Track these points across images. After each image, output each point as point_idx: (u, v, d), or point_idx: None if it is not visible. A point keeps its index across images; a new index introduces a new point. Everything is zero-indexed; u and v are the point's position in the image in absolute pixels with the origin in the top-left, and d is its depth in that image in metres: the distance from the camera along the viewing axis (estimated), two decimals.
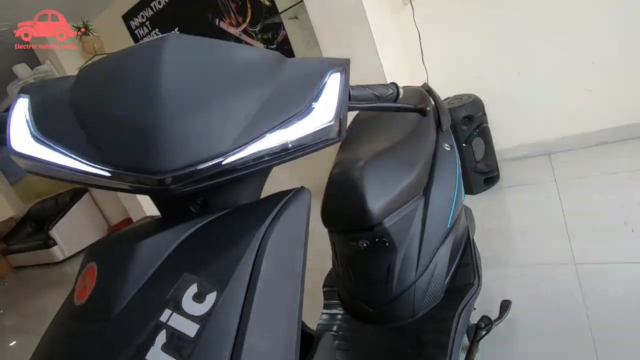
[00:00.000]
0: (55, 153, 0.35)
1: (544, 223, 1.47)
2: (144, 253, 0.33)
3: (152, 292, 0.31)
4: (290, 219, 0.35)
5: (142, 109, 0.34)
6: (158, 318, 0.29)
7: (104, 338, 0.30)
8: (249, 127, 0.35)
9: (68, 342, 0.32)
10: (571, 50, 1.81)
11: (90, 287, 0.33)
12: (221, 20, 2.67)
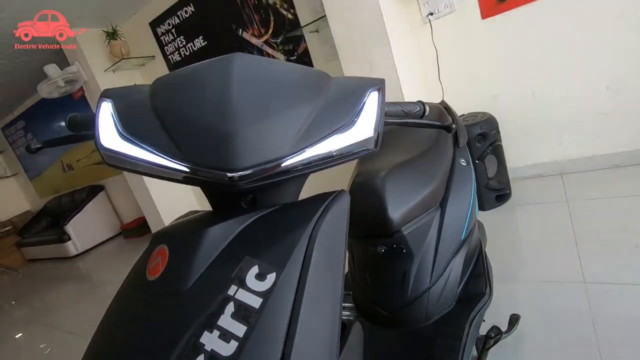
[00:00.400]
0: (140, 150, 0.40)
1: (554, 241, 1.49)
2: (209, 238, 0.38)
3: (219, 271, 0.37)
4: (335, 216, 0.40)
5: (218, 116, 0.39)
6: (226, 292, 0.34)
7: (178, 308, 0.36)
8: (304, 136, 0.40)
9: (142, 312, 0.38)
10: (586, 74, 1.85)
11: (162, 265, 0.39)
12: (244, 30, 2.77)
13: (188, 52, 3.13)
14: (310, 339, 0.33)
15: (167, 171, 0.40)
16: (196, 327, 0.33)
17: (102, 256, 4.00)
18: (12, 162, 5.81)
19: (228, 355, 0.31)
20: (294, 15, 2.53)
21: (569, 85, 1.90)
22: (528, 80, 1.98)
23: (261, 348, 0.31)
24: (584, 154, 1.96)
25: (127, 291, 0.43)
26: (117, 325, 0.40)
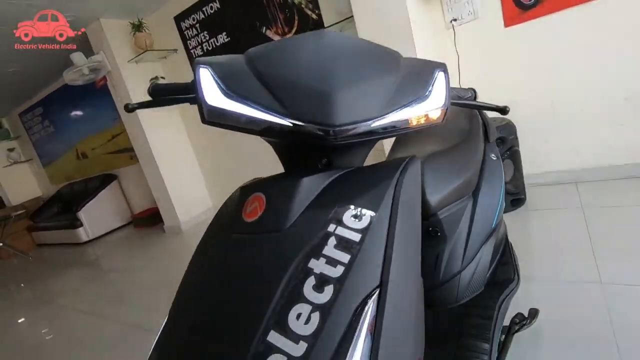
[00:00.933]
0: (246, 107, 0.45)
1: (570, 244, 1.53)
2: (304, 187, 0.44)
3: (316, 213, 0.42)
4: (411, 176, 0.45)
5: (319, 79, 0.44)
6: (326, 229, 0.39)
7: (282, 242, 0.41)
8: (389, 102, 0.45)
9: (247, 247, 0.43)
10: (604, 85, 1.89)
11: (260, 209, 0.44)
12: (268, 28, 2.84)
13: (211, 47, 3.20)
14: (401, 269, 0.38)
15: (272, 126, 0.44)
16: (303, 256, 0.38)
17: (112, 244, 4.06)
18: (27, 148, 5.91)
19: (336, 276, 0.36)
20: (318, 15, 2.59)
21: (588, 95, 1.94)
22: (547, 88, 2.02)
23: (364, 273, 0.36)
24: (600, 163, 1.99)
25: (221, 233, 0.48)
26: (216, 262, 0.45)
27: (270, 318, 0.36)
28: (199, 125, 3.55)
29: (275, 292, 0.37)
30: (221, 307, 0.41)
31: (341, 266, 0.36)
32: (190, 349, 0.40)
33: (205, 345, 0.39)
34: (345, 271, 0.36)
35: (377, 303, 0.36)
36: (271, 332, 0.35)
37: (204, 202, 3.84)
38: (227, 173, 3.67)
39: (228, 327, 0.38)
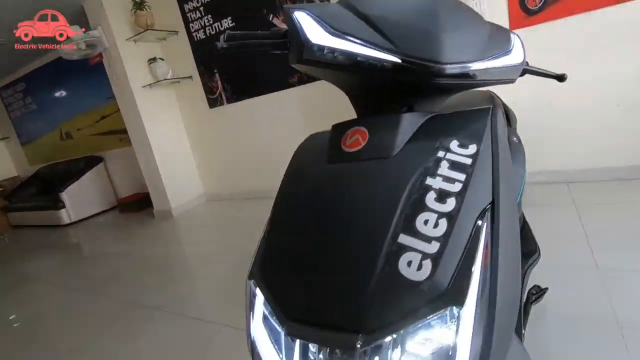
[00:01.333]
0: (353, 44, 0.47)
1: (564, 236, 1.62)
2: (406, 121, 0.47)
3: (421, 143, 0.45)
4: (499, 119, 0.48)
5: (427, 20, 0.47)
6: (436, 155, 0.42)
7: (391, 166, 0.44)
8: (484, 49, 0.49)
9: (350, 172, 0.46)
10: (600, 91, 2.00)
11: (362, 141, 0.46)
12: (275, 16, 2.84)
13: (214, 32, 3.17)
14: (505, 191, 0.42)
15: (378, 62, 0.46)
16: (418, 175, 0.41)
17: (95, 227, 3.94)
18: (5, 125, 5.64)
19: (456, 191, 0.39)
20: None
21: (583, 99, 2.05)
22: (546, 90, 2.13)
23: (478, 190, 0.40)
24: (592, 165, 2.11)
25: (318, 163, 0.50)
26: (319, 187, 0.47)
27: (396, 226, 0.39)
28: (194, 111, 3.54)
29: (397, 205, 0.40)
30: (339, 223, 0.43)
31: (458, 183, 0.40)
32: (308, 258, 0.42)
33: (327, 255, 0.41)
34: (463, 187, 0.40)
35: (492, 217, 0.39)
36: (401, 236, 0.38)
37: (196, 188, 3.79)
38: (220, 162, 3.64)
39: (350, 238, 0.41)
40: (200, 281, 2.03)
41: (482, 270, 0.36)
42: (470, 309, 0.35)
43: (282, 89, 3.04)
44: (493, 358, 0.35)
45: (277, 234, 0.50)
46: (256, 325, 0.45)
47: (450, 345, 0.35)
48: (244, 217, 3.03)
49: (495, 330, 0.36)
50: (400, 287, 0.36)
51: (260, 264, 0.49)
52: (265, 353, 0.44)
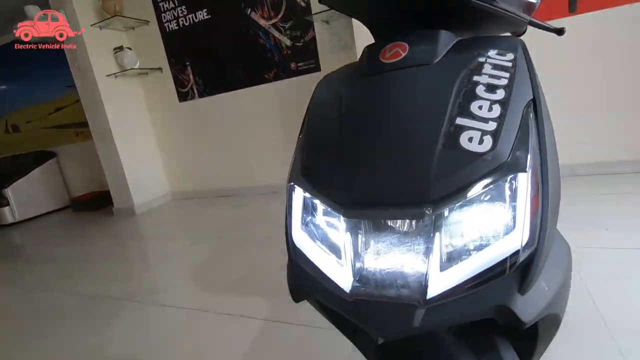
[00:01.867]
0: None
1: None
2: (442, 35, 0.48)
3: (460, 52, 0.47)
4: (525, 45, 0.51)
5: None
6: (477, 59, 0.44)
7: (436, 70, 0.45)
8: None
9: (392, 79, 0.46)
10: (578, 93, 2.14)
11: (402, 52, 0.47)
12: (253, 11, 2.83)
13: (187, 23, 3.08)
14: (541, 91, 0.44)
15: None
16: (465, 74, 0.42)
17: (45, 227, 3.60)
18: None
19: (503, 84, 0.41)
20: (306, 3, 2.65)
21: (561, 97, 2.16)
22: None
23: (522, 87, 0.42)
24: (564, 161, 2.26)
25: (356, 77, 0.50)
26: (363, 94, 0.47)
27: (452, 112, 0.40)
28: (163, 105, 3.40)
29: (449, 97, 0.41)
30: (390, 118, 0.43)
31: (504, 79, 0.42)
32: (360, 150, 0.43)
33: (381, 144, 0.42)
34: (509, 81, 0.42)
35: (534, 109, 0.42)
36: (458, 118, 0.40)
37: (162, 186, 3.61)
38: (189, 158, 3.50)
39: (405, 128, 0.42)
40: (168, 272, 1.92)
41: (534, 147, 0.39)
42: (529, 176, 0.37)
43: (256, 84, 3.01)
44: (549, 230, 0.38)
45: (317, 139, 0.50)
46: (298, 228, 0.45)
47: (512, 214, 0.36)
48: (212, 215, 2.91)
49: (550, 202, 0.38)
50: (464, 159, 0.37)
51: (300, 167, 0.48)
52: (310, 250, 0.44)
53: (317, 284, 0.43)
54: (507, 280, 0.37)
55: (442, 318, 0.38)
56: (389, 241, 0.40)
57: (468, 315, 0.38)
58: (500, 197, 0.37)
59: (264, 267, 1.74)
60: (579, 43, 2.06)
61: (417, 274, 0.39)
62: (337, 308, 0.42)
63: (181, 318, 1.41)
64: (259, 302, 1.41)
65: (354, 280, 0.40)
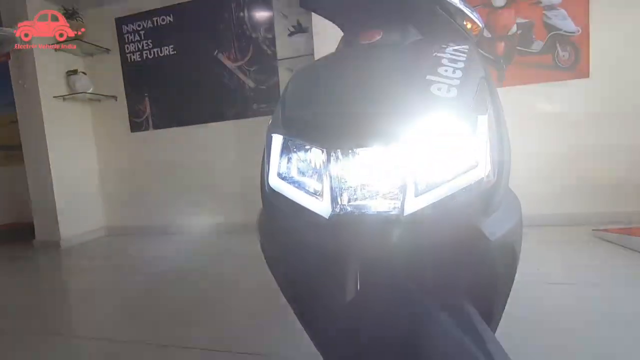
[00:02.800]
0: None
1: None
2: (411, 27, 0.55)
3: (426, 40, 0.53)
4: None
5: None
6: (441, 45, 0.50)
7: (407, 48, 0.51)
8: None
9: (369, 54, 0.50)
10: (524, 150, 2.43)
11: (377, 35, 0.52)
12: (220, 52, 2.94)
13: (152, 56, 3.10)
14: (489, 72, 0.51)
15: None
16: (432, 50, 0.49)
17: None
18: None
19: (463, 59, 0.47)
20: (272, 52, 2.82)
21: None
22: None
23: (476, 63, 0.48)
24: None
25: (338, 55, 0.54)
26: (336, 66, 0.50)
27: (423, 71, 0.45)
28: (113, 133, 3.26)
29: (420, 61, 0.47)
30: (368, 78, 0.47)
31: (462, 57, 0.48)
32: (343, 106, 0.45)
33: (360, 94, 0.45)
34: (466, 60, 0.48)
35: (486, 84, 0.48)
36: (428, 75, 0.45)
37: (97, 219, 3.30)
38: (133, 191, 3.29)
39: (382, 80, 0.45)
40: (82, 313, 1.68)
41: (490, 101, 0.45)
42: (488, 119, 0.42)
43: (216, 121, 3.02)
44: (506, 165, 0.43)
45: (299, 97, 0.52)
46: (275, 174, 0.46)
47: (476, 148, 0.41)
48: (147, 254, 2.68)
49: (504, 146, 0.44)
50: (435, 103, 0.42)
51: (281, 119, 0.49)
52: (288, 192, 0.45)
53: (294, 219, 0.43)
54: (474, 205, 0.41)
55: (417, 235, 0.39)
56: (367, 172, 0.41)
57: (440, 234, 0.41)
58: (465, 134, 0.41)
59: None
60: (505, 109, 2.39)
61: (394, 201, 0.40)
62: (316, 238, 0.42)
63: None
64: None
65: (333, 208, 0.41)
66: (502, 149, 0.44)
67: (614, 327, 1.12)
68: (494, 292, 0.47)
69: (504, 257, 0.44)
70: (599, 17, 2.19)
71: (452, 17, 0.59)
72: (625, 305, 1.25)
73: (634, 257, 1.66)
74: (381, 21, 0.57)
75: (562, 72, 2.28)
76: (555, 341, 1.06)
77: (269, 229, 0.50)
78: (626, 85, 2.20)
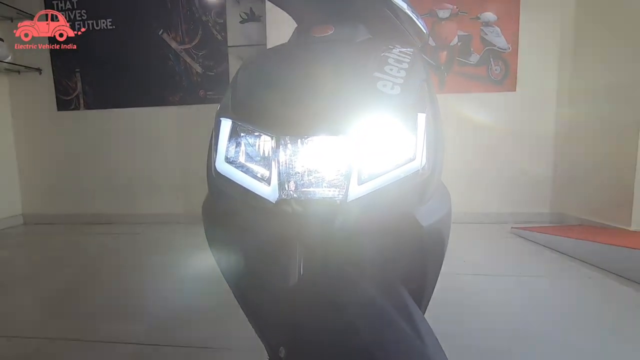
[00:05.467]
0: None
1: None
2: (361, 25, 0.57)
3: (376, 39, 0.56)
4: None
5: None
6: (388, 45, 0.52)
7: (358, 46, 0.53)
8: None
9: (324, 49, 0.52)
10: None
11: (329, 30, 0.54)
12: (166, 32, 2.76)
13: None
14: (430, 71, 0.55)
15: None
16: (380, 49, 0.51)
17: None
18: None
19: (407, 61, 0.50)
20: (223, 37, 2.72)
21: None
22: None
23: (419, 65, 0.51)
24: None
25: (290, 46, 0.53)
26: (295, 60, 0.50)
27: (370, 68, 0.47)
28: (34, 111, 2.95)
29: (368, 60, 0.49)
30: (318, 71, 0.47)
31: (407, 59, 0.51)
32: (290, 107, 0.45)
33: (311, 86, 0.46)
34: (410, 62, 0.51)
35: (427, 86, 0.51)
36: (375, 73, 0.47)
37: (11, 205, 2.93)
38: (55, 175, 2.98)
39: (331, 76, 0.47)
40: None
41: (428, 101, 0.48)
42: (426, 117, 0.46)
43: (158, 105, 2.84)
44: (439, 160, 0.47)
45: (249, 84, 0.51)
46: (222, 159, 0.46)
47: (414, 142, 0.44)
48: (69, 245, 2.45)
49: (439, 143, 0.48)
50: (379, 98, 0.45)
51: (231, 104, 0.49)
52: (235, 176, 0.45)
53: (240, 203, 0.43)
54: (410, 194, 0.44)
55: (359, 220, 0.41)
56: (313, 160, 0.43)
57: (380, 220, 0.44)
58: (405, 129, 0.45)
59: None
60: (444, 113, 2.58)
61: (338, 188, 0.43)
62: (261, 222, 0.43)
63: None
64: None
65: (281, 193, 0.42)
66: (437, 146, 0.48)
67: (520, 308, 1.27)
68: (425, 276, 0.51)
69: (434, 242, 0.48)
70: (526, 39, 2.44)
71: (400, 21, 0.63)
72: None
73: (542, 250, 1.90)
74: (334, 18, 0.58)
75: (493, 85, 2.51)
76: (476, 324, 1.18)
77: (214, 213, 0.50)
78: (546, 99, 2.49)
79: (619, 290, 1.41)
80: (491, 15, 2.46)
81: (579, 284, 1.49)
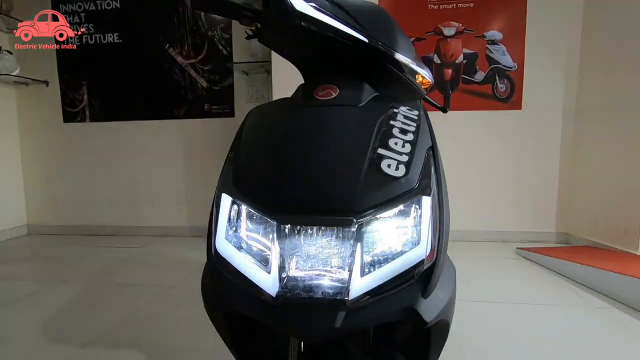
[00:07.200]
0: (331, 18, 0.54)
1: None
2: (366, 86, 0.56)
3: (379, 102, 0.55)
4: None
5: (384, 18, 0.59)
6: (392, 109, 0.52)
7: (362, 111, 0.53)
8: (416, 59, 0.63)
9: (325, 113, 0.51)
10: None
11: (333, 92, 0.53)
12: (172, 47, 2.78)
13: (93, 41, 2.84)
14: (437, 145, 0.54)
15: (350, 38, 0.55)
16: (384, 117, 0.50)
17: None
18: None
19: (412, 130, 0.50)
20: (229, 52, 2.74)
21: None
22: None
23: (424, 135, 0.51)
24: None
25: (288, 109, 0.53)
26: (297, 125, 0.50)
27: (374, 144, 0.47)
28: (41, 122, 2.97)
29: (372, 133, 0.48)
30: (321, 145, 0.47)
31: (412, 127, 0.51)
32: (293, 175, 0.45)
33: (315, 163, 0.46)
34: (416, 128, 0.51)
35: (433, 153, 0.51)
36: (379, 149, 0.46)
37: (16, 216, 2.95)
38: (60, 187, 2.99)
39: (334, 153, 0.46)
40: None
41: (435, 179, 0.47)
42: (432, 199, 0.45)
43: (163, 118, 2.85)
44: (444, 246, 0.46)
45: (251, 155, 0.51)
46: (223, 237, 0.45)
47: (418, 229, 0.43)
48: (72, 256, 2.45)
49: (444, 224, 0.47)
50: (384, 180, 0.44)
51: (232, 178, 0.48)
52: (235, 259, 0.44)
53: (240, 293, 0.42)
54: (413, 286, 0.43)
55: (361, 319, 0.41)
56: (315, 248, 0.42)
57: (382, 316, 0.42)
58: (410, 214, 0.44)
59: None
60: (450, 131, 2.56)
61: (340, 279, 0.41)
62: (260, 316, 0.42)
63: None
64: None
65: (280, 285, 0.41)
66: (443, 226, 0.47)
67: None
68: (427, 351, 0.50)
69: (439, 331, 0.47)
70: (533, 57, 2.43)
71: (404, 75, 0.62)
72: None
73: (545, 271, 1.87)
74: (337, 76, 0.58)
75: (499, 103, 2.50)
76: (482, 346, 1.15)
77: (213, 294, 0.48)
78: (552, 118, 2.47)
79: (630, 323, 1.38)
80: (497, 34, 2.45)
81: (586, 313, 1.46)
